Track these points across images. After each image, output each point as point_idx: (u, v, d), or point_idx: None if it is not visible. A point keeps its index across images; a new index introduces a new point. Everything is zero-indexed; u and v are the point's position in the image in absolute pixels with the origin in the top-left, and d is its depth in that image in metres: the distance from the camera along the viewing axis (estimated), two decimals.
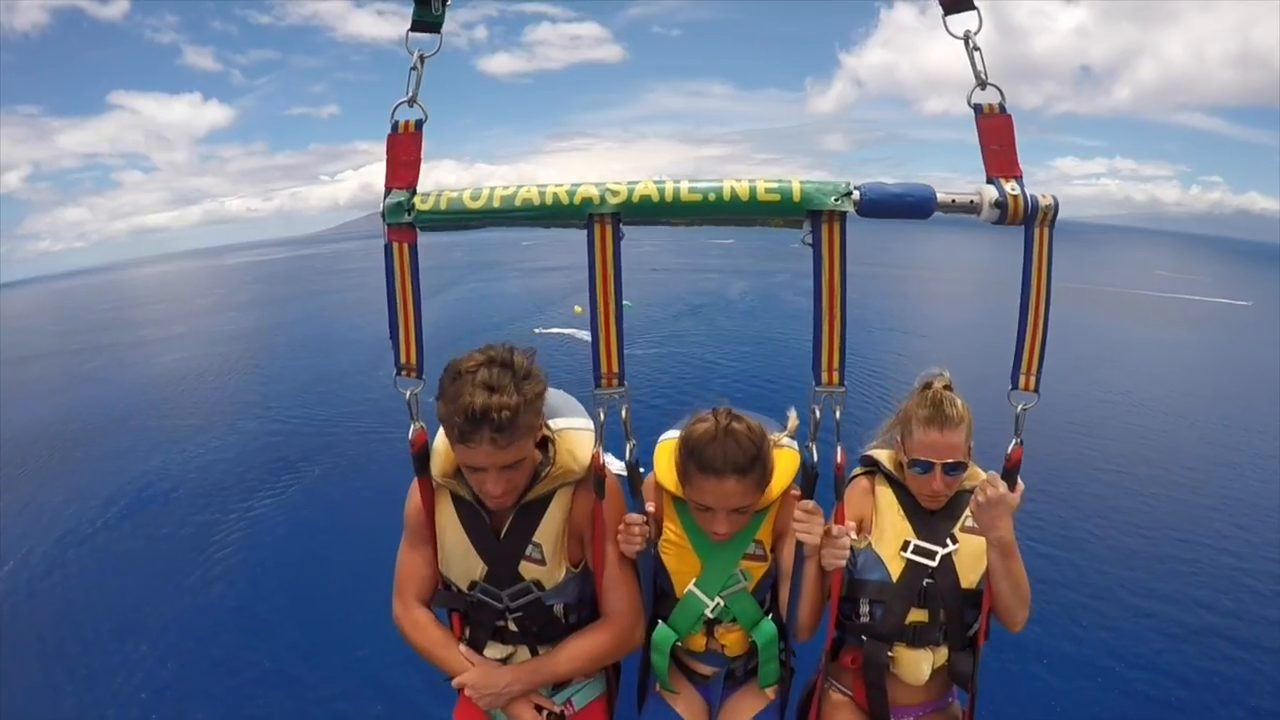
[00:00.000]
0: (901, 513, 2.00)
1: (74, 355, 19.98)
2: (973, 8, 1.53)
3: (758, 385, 11.30)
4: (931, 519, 1.99)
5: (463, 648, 1.90)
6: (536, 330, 16.73)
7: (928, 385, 2.00)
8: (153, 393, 14.12)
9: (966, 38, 1.54)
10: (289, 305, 28.69)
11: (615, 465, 1.83)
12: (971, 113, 1.57)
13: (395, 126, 1.59)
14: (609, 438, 1.80)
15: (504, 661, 1.93)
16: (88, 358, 19.26)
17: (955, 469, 1.92)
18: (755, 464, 1.78)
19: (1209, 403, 11.37)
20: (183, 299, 37.10)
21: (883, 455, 2.10)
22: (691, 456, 1.81)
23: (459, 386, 1.60)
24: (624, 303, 1.65)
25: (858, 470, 2.13)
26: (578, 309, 19.31)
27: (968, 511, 1.95)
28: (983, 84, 1.54)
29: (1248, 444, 9.12)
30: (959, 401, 1.94)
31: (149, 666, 5.12)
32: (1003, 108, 1.55)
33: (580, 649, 1.89)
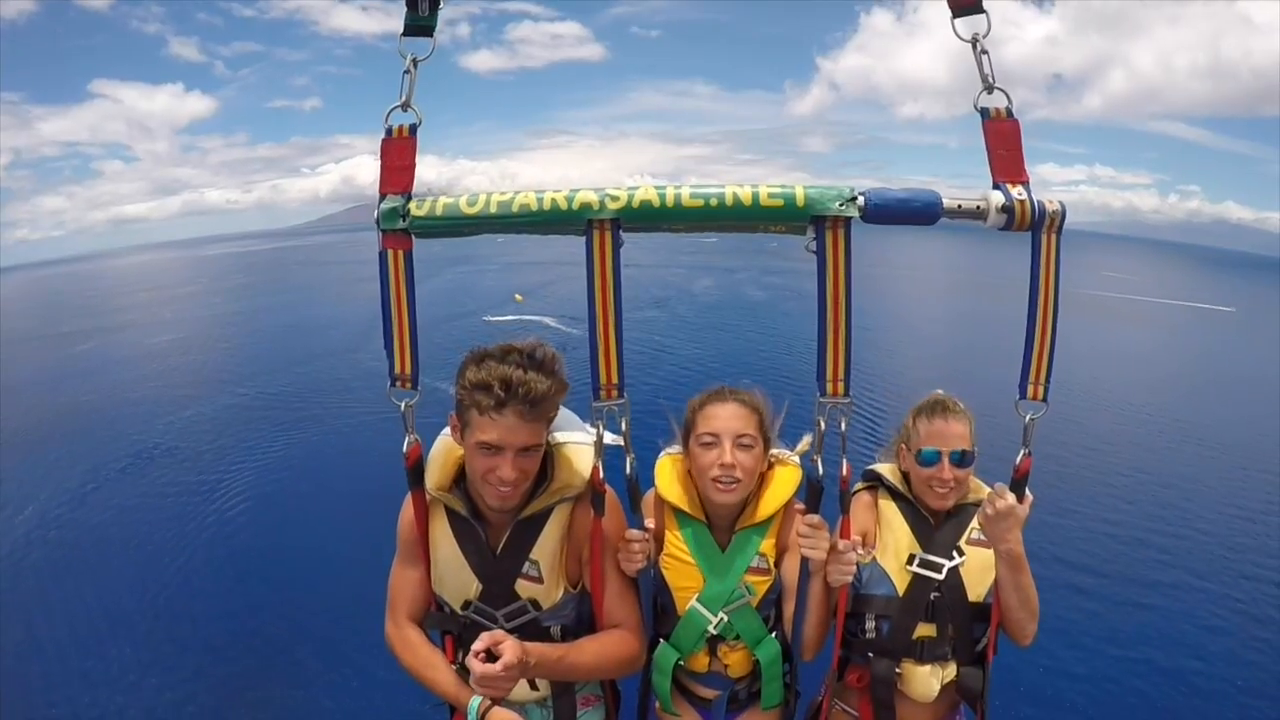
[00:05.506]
0: (906, 526, 1.90)
1: (67, 337, 19.39)
2: (982, 10, 1.43)
3: (715, 371, 11.49)
4: (937, 532, 1.88)
5: (455, 669, 1.74)
6: (487, 319, 16.47)
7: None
8: (148, 368, 14.07)
9: (975, 40, 1.44)
10: (271, 295, 28.11)
11: (616, 439, 1.68)
12: (949, 118, 1.73)
13: (389, 131, 1.48)
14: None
15: None
16: (81, 340, 18.74)
17: (962, 459, 1.84)
18: (756, 409, 1.84)
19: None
20: (166, 288, 36.29)
21: (885, 469, 2.01)
22: (698, 404, 1.88)
23: (491, 363, 1.55)
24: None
25: (859, 485, 2.02)
26: (518, 297, 18.74)
27: (974, 524, 1.85)
28: (990, 88, 1.44)
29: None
30: (958, 400, 1.93)
31: (159, 591, 5.56)
32: (1010, 112, 1.45)
33: (599, 647, 1.72)
